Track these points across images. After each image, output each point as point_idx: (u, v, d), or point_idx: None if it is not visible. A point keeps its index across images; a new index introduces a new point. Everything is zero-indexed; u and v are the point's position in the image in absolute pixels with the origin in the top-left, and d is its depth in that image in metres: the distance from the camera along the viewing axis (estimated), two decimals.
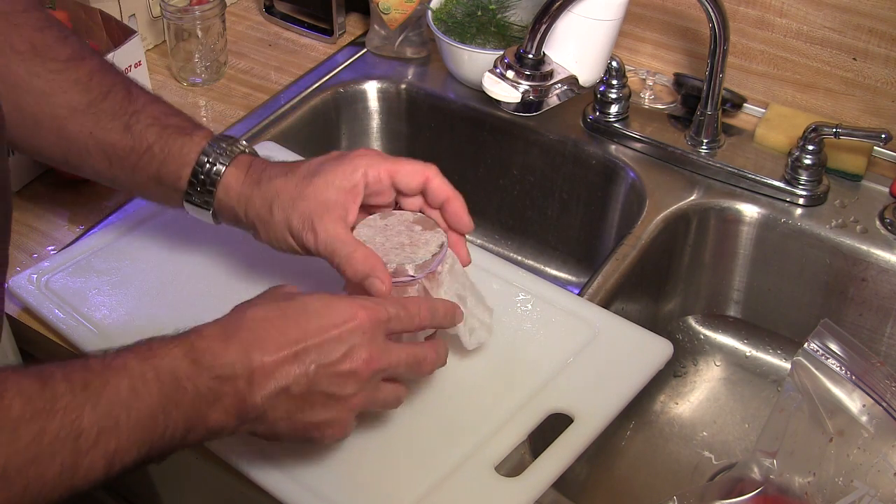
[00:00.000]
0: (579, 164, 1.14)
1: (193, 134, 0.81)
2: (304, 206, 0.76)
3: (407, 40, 1.24)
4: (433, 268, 0.77)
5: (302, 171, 0.78)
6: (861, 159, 1.05)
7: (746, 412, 1.08)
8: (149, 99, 0.83)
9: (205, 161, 0.79)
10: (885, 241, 1.00)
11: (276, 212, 0.77)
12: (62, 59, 0.81)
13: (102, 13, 1.15)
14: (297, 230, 0.77)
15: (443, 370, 0.83)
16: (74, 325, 0.87)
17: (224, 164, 0.79)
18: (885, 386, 0.78)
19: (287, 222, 0.77)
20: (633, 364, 0.84)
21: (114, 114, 0.81)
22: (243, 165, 0.80)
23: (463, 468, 0.75)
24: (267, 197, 0.78)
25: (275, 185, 0.78)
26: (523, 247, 1.25)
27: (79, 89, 0.80)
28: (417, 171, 0.79)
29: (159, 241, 0.95)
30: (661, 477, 1.02)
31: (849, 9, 1.04)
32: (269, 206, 0.78)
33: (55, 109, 0.80)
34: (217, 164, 0.79)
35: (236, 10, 1.35)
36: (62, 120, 0.80)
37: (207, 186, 0.80)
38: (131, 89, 0.83)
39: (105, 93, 0.81)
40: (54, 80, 0.80)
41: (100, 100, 0.81)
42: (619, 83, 1.10)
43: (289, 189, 0.77)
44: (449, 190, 0.79)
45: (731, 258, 1.08)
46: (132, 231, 0.97)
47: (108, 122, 0.81)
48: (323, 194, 0.76)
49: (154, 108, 0.82)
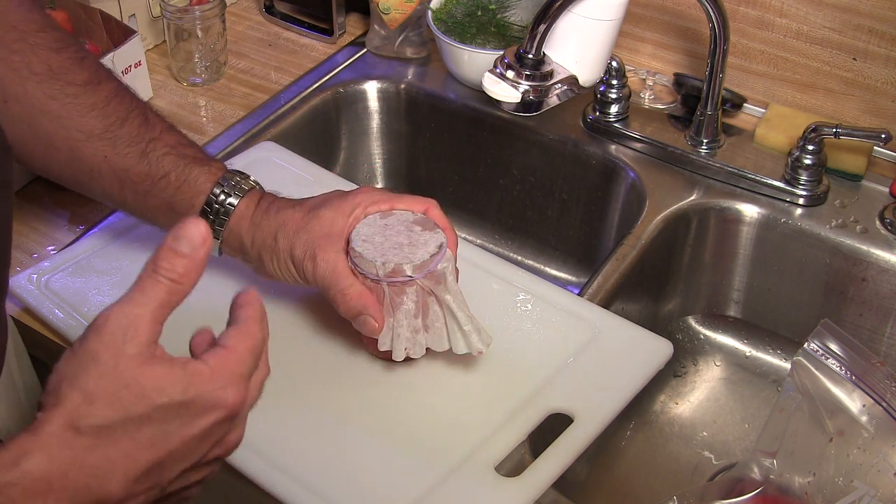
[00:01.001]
0: (579, 164, 1.14)
1: (209, 165, 0.84)
2: (306, 238, 0.79)
3: (407, 40, 1.24)
4: (431, 268, 0.77)
5: (307, 205, 0.82)
6: (861, 159, 1.05)
7: (746, 412, 1.08)
8: (165, 127, 0.85)
9: (219, 192, 0.82)
10: (885, 241, 1.00)
11: (280, 240, 0.80)
12: (79, 82, 0.81)
13: (102, 13, 1.15)
14: (298, 259, 0.80)
15: (443, 370, 0.83)
16: (74, 325, 0.87)
17: (239, 196, 0.83)
18: (885, 386, 0.78)
19: (291, 251, 0.80)
20: (633, 364, 0.84)
21: (130, 140, 0.82)
22: (254, 197, 0.84)
23: (463, 468, 0.75)
24: (274, 226, 0.81)
25: (282, 216, 0.81)
26: (523, 247, 1.25)
27: (96, 114, 0.81)
28: (417, 205, 0.82)
29: (160, 241, 0.95)
30: (661, 477, 1.02)
31: (849, 9, 1.04)
32: (274, 235, 0.81)
33: (70, 133, 0.81)
34: (232, 196, 0.83)
35: (236, 10, 1.35)
36: (77, 143, 0.81)
37: (221, 216, 0.83)
38: (148, 116, 0.84)
39: (122, 119, 0.82)
40: (71, 104, 0.81)
41: (117, 126, 0.82)
42: (619, 83, 1.10)
43: (295, 220, 0.81)
44: (445, 224, 0.82)
45: (731, 258, 1.08)
46: (132, 231, 0.97)
47: (125, 147, 0.82)
48: (326, 227, 0.80)
49: (170, 136, 0.84)
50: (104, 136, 0.81)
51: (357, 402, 0.81)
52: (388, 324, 0.78)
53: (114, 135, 0.82)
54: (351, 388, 0.82)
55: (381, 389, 0.82)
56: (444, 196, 1.27)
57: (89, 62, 0.83)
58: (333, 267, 0.78)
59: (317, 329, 0.87)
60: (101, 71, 0.84)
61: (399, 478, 0.75)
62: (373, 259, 0.77)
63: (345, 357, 0.85)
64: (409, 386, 0.82)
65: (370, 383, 0.83)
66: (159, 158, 0.82)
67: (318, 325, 0.87)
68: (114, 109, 0.82)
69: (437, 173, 1.26)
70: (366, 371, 0.83)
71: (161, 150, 0.83)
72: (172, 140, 0.84)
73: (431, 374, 0.83)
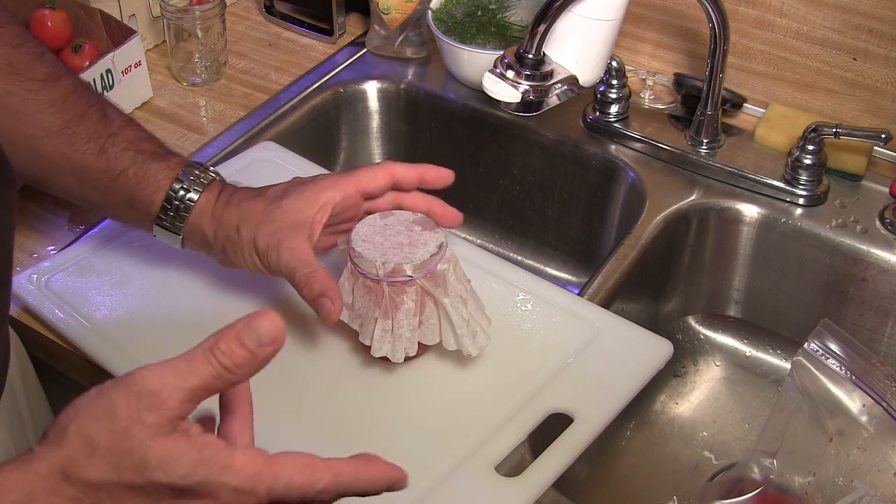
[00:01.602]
0: (579, 164, 1.14)
1: (168, 160, 0.83)
2: (270, 228, 0.79)
3: (407, 40, 1.24)
4: (431, 268, 0.77)
5: (269, 195, 0.81)
6: (861, 159, 1.05)
7: (746, 412, 1.08)
8: (124, 122, 0.84)
9: (178, 187, 0.82)
10: (885, 241, 1.00)
11: (243, 232, 0.80)
12: (39, 78, 0.80)
13: (102, 13, 1.15)
14: (262, 249, 0.79)
15: (443, 370, 0.83)
16: (74, 325, 0.87)
17: (198, 191, 0.82)
18: (885, 386, 0.78)
19: (254, 242, 0.80)
20: (633, 364, 0.84)
21: (89, 136, 0.81)
22: (214, 191, 0.83)
23: (463, 468, 0.75)
24: (236, 218, 0.81)
25: (243, 208, 0.81)
26: (523, 247, 1.25)
27: (54, 110, 0.80)
28: (379, 171, 0.83)
29: (160, 240, 0.95)
30: (661, 477, 1.02)
31: (849, 9, 1.04)
32: (237, 228, 0.81)
33: (29, 129, 0.80)
34: (191, 191, 0.82)
35: (236, 10, 1.35)
36: (35, 140, 0.80)
37: (181, 211, 0.82)
38: (107, 111, 0.83)
39: (80, 115, 0.81)
40: (31, 100, 0.80)
41: (75, 122, 0.81)
42: (619, 83, 1.10)
43: (257, 211, 0.80)
44: (413, 168, 0.83)
45: (731, 258, 1.08)
46: (132, 231, 0.97)
47: (83, 144, 0.81)
48: (289, 217, 0.79)
49: (129, 131, 0.83)
50: (62, 133, 0.81)
51: (356, 402, 0.81)
52: (385, 327, 0.78)
53: (72, 131, 0.81)
54: (350, 389, 0.82)
55: (380, 390, 0.82)
56: (444, 196, 1.27)
57: (48, 58, 0.82)
58: (298, 255, 0.78)
59: (316, 330, 0.87)
60: (59, 67, 0.83)
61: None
62: (373, 259, 0.77)
63: (344, 358, 0.84)
64: (408, 386, 0.82)
65: (369, 384, 0.83)
66: (118, 154, 0.82)
67: (318, 326, 0.87)
68: (72, 105, 0.81)
69: None
70: (365, 372, 0.83)
71: (120, 146, 0.82)
72: (131, 135, 0.83)
73: (431, 374, 0.83)
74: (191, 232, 0.83)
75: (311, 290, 0.77)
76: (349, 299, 0.80)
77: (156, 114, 1.17)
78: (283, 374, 0.82)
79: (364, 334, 0.80)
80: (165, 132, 1.13)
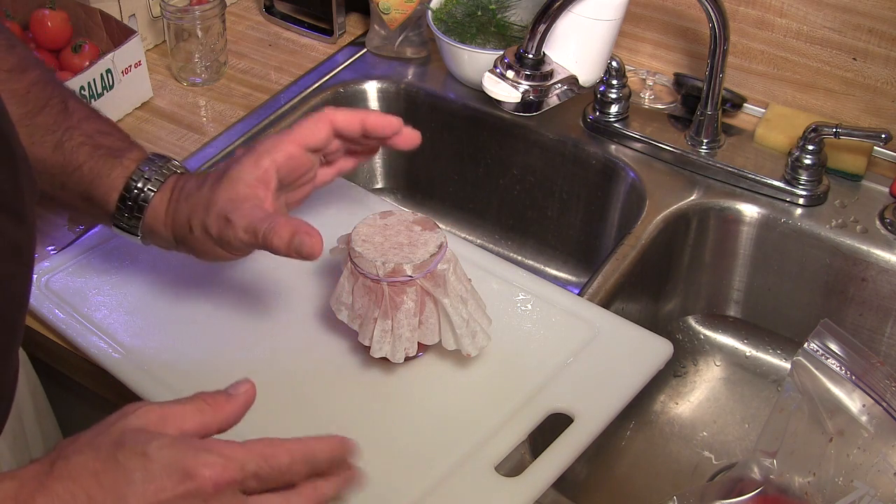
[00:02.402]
0: (579, 164, 1.14)
1: (123, 157, 0.80)
2: (217, 210, 0.75)
3: (407, 40, 1.24)
4: (431, 268, 0.77)
5: (212, 177, 0.78)
6: (861, 159, 1.05)
7: (746, 412, 1.08)
8: (85, 115, 0.81)
9: (133, 186, 0.79)
10: (885, 241, 1.00)
11: (194, 227, 0.77)
12: (5, 68, 0.79)
13: (102, 13, 1.15)
14: (216, 233, 0.75)
15: (443, 370, 0.83)
16: (74, 325, 0.87)
17: (153, 190, 0.79)
18: (885, 386, 0.78)
19: (206, 231, 0.76)
20: (633, 364, 0.84)
21: (47, 129, 0.79)
22: (168, 189, 0.80)
23: (463, 468, 0.75)
24: (186, 214, 0.78)
25: (192, 201, 0.77)
26: (523, 247, 1.25)
27: (15, 101, 0.78)
28: (319, 123, 0.79)
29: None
30: (661, 477, 1.02)
31: (849, 9, 1.04)
32: (189, 225, 0.77)
33: None
34: (145, 191, 0.79)
35: (236, 10, 1.35)
36: None
37: (135, 212, 0.80)
38: (69, 104, 0.81)
39: (41, 107, 0.79)
40: None
41: (34, 113, 0.79)
42: (619, 83, 1.10)
43: (202, 200, 0.76)
44: (355, 114, 0.79)
45: (731, 258, 1.08)
46: None
47: (41, 136, 0.79)
48: (234, 191, 0.75)
49: (89, 125, 0.81)
50: (21, 125, 0.77)
51: (357, 402, 0.81)
52: (384, 327, 0.78)
53: (31, 123, 0.79)
54: (350, 389, 0.82)
55: (380, 390, 0.82)
56: (444, 196, 1.28)
57: (19, 50, 0.80)
58: (252, 217, 0.73)
59: (316, 330, 0.87)
60: (29, 59, 0.81)
61: (399, 478, 0.75)
62: (373, 259, 0.77)
63: (344, 358, 0.84)
64: (408, 386, 0.82)
65: (369, 384, 0.83)
66: (74, 149, 0.79)
67: (318, 326, 0.87)
68: (34, 97, 0.79)
69: (437, 173, 1.26)
70: (365, 372, 0.83)
71: (77, 140, 0.79)
72: (91, 129, 0.81)
73: (431, 374, 0.83)
74: (149, 233, 0.81)
75: (281, 238, 0.71)
76: (349, 299, 0.80)
77: (156, 114, 1.17)
78: (283, 374, 0.82)
79: (364, 334, 0.80)
80: (165, 132, 1.13)
